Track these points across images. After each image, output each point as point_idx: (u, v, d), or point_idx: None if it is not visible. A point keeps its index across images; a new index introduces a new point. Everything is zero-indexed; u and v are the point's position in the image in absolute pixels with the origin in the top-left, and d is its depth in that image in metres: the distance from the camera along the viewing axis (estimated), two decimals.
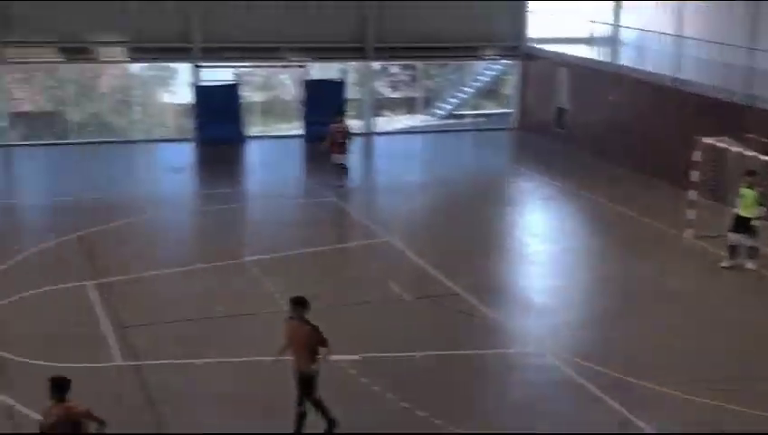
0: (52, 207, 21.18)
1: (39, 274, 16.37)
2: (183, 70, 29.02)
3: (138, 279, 16.20)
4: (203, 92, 27.88)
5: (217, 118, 27.47)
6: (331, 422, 10.95)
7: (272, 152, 27.71)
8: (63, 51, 27.17)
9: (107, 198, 21.58)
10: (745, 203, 17.13)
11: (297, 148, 28.08)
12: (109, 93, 32.39)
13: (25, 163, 26.03)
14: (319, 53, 28.92)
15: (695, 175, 19.12)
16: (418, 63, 32.43)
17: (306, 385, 10.76)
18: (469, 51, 30.62)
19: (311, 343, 10.59)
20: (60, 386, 8.85)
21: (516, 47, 30.44)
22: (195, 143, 27.72)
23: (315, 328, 10.63)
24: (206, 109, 27.69)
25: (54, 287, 15.59)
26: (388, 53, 29.65)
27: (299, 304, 10.69)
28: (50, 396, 8.87)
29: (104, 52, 27.68)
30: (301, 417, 10.87)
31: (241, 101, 28.43)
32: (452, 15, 29.33)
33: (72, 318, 14.51)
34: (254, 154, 27.43)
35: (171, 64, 30.12)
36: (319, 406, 10.89)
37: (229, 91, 28.16)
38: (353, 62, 29.92)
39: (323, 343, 10.65)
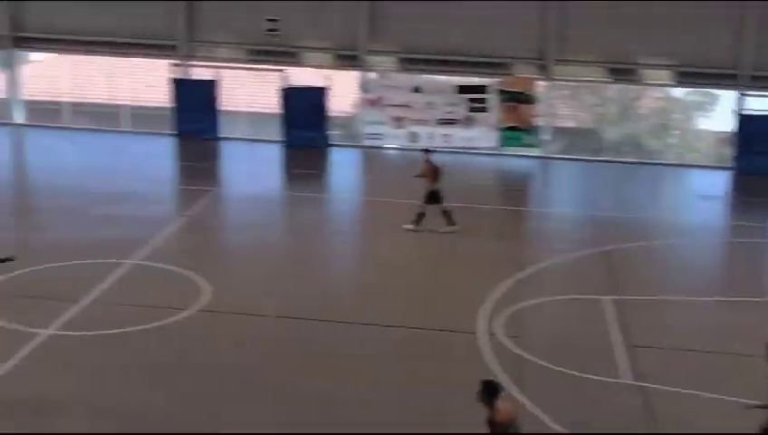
0: (582, 219, 22.01)
1: (561, 281, 17.21)
2: (726, 97, 28.30)
3: (652, 302, 16.24)
4: (746, 121, 26.91)
5: (761, 148, 26.33)
6: None
7: None
8: (610, 71, 28.01)
9: (634, 217, 21.87)
10: None
11: None
12: (647, 115, 32.73)
13: (561, 175, 27.41)
14: None
15: None
16: None
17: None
18: None
19: None
20: (492, 391, 9.44)
21: None
22: (733, 173, 26.87)
23: None
24: (748, 138, 26.69)
25: (573, 297, 16.26)
26: None
27: None
28: (480, 399, 9.43)
29: (648, 74, 28.02)
30: None
31: None
32: None
33: (585, 328, 15.02)
34: None
35: (713, 90, 29.57)
36: None
37: None
38: None
39: None
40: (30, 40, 29.28)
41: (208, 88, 28.73)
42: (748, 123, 26.86)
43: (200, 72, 29.28)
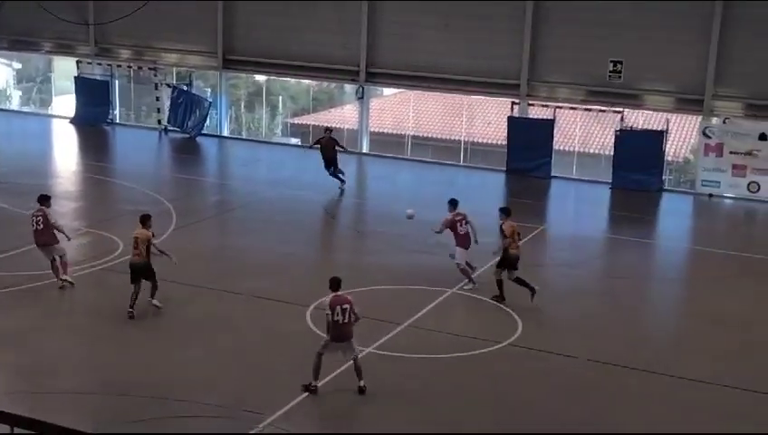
0: None
1: None
2: None
3: None
4: None
5: None
6: None
7: None
8: None
9: None
10: None
11: None
12: None
13: None
14: None
15: None
16: None
17: None
18: None
19: None
20: None
21: None
22: None
23: None
24: None
25: None
26: None
27: None
28: None
29: None
30: None
31: None
32: None
33: None
34: None
35: None
36: None
37: None
38: None
39: None
40: (380, 75, 31.35)
41: (545, 127, 29.14)
42: None
43: (537, 112, 29.78)
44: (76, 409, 12.42)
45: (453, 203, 18.61)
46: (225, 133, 33.78)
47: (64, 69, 36.51)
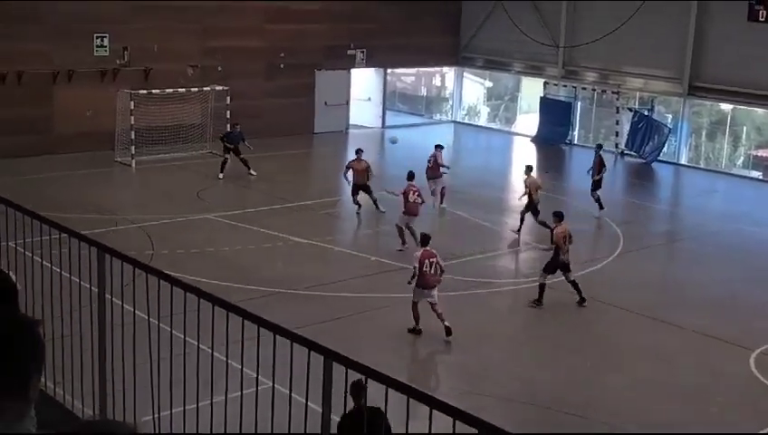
0: None
1: None
2: None
3: None
4: None
5: None
6: None
7: None
8: None
9: None
10: None
11: None
12: None
13: None
14: None
15: None
16: None
17: None
18: None
19: None
20: None
21: None
22: None
23: None
24: None
25: None
26: None
27: None
28: None
29: None
30: None
31: None
32: None
33: None
34: None
35: None
36: None
37: None
38: None
39: None
40: None
41: None
42: None
43: None
44: (503, 414, 12.96)
45: (410, 176, 20.91)
46: (683, 161, 32.94)
47: (530, 89, 38.05)
